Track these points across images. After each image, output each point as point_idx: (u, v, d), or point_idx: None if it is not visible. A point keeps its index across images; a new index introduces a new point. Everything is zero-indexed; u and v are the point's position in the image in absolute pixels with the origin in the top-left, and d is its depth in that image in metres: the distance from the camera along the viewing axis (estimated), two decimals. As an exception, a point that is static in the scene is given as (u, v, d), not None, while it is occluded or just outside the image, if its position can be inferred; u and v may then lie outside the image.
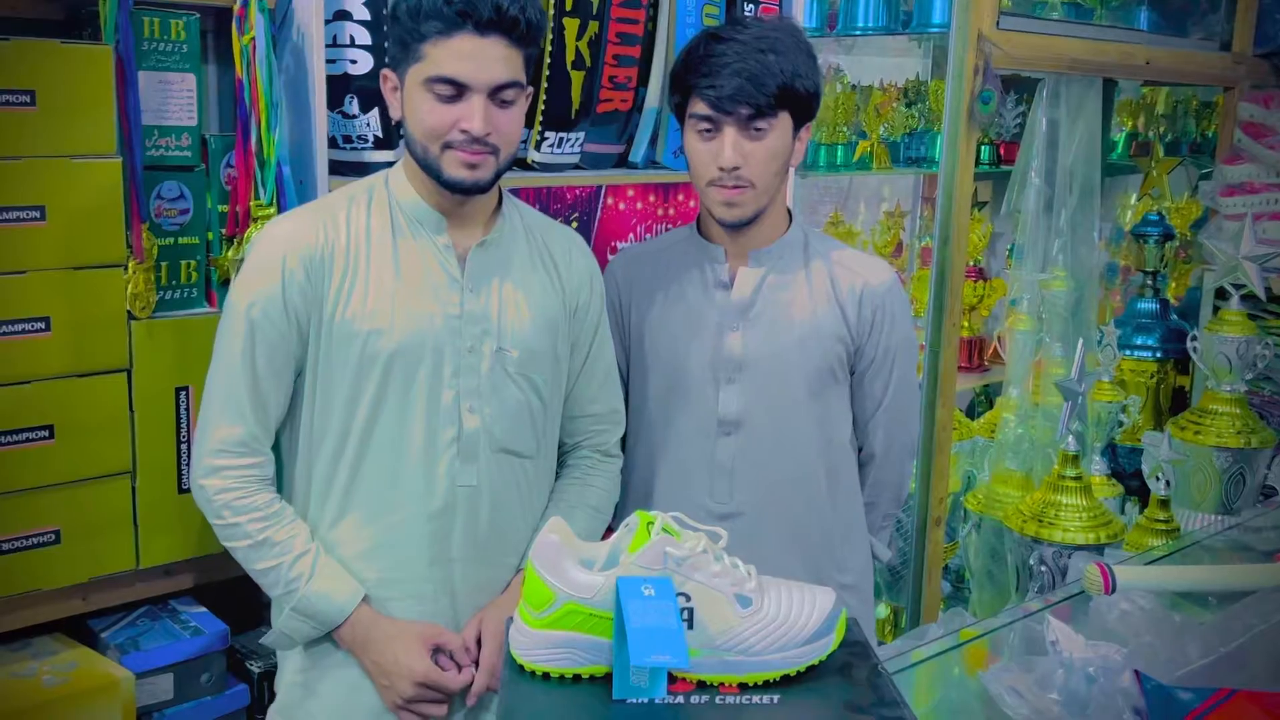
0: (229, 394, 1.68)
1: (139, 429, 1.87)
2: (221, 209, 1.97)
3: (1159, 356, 3.88)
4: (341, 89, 1.95)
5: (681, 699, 1.19)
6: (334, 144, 1.97)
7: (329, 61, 1.92)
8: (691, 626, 1.20)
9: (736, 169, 1.85)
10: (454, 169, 1.65)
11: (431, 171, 1.67)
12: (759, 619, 1.21)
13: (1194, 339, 3.14)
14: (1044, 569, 2.66)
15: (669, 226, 2.52)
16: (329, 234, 1.69)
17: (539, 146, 2.20)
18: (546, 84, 2.15)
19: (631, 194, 2.39)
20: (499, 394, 1.75)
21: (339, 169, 1.95)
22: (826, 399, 2.00)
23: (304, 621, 1.70)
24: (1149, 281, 4.00)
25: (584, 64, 2.19)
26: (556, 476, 1.90)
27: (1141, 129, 4.51)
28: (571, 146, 2.25)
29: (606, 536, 1.70)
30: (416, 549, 1.73)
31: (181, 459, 1.92)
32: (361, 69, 1.94)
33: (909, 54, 3.89)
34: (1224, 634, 1.63)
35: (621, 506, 2.10)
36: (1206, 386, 3.16)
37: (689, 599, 1.21)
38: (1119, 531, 2.66)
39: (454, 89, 1.61)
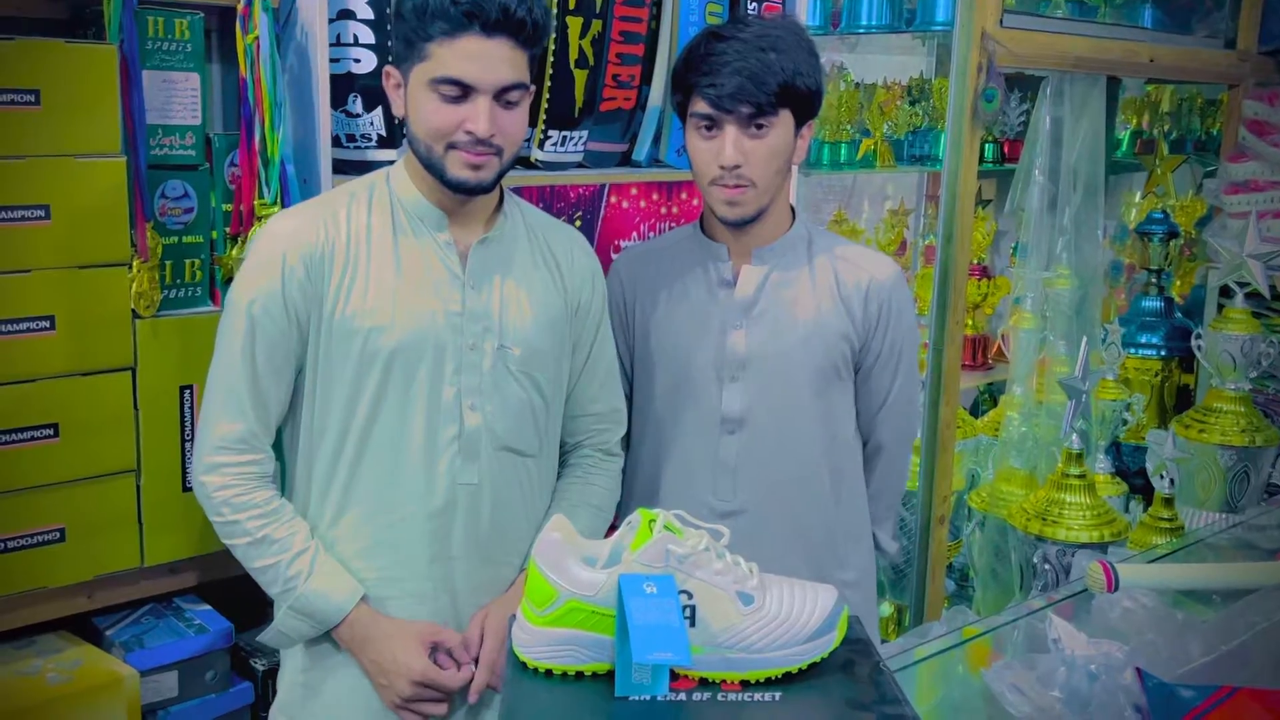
0: (229, 391, 1.68)
1: (143, 427, 1.88)
2: (226, 208, 1.98)
3: (1163, 354, 3.87)
4: (345, 88, 1.95)
5: (683, 696, 1.19)
6: (338, 143, 1.97)
7: (333, 60, 1.93)
8: (693, 624, 1.20)
9: (737, 167, 1.85)
10: (458, 169, 1.65)
11: (435, 171, 1.67)
12: (761, 616, 1.22)
13: (1198, 337, 3.15)
14: (1048, 567, 2.66)
15: (672, 225, 2.52)
16: (329, 231, 1.69)
17: (542, 145, 2.20)
18: (550, 82, 2.15)
19: (635, 192, 2.39)
20: (501, 392, 1.74)
21: (343, 168, 1.95)
22: (830, 396, 2.00)
23: (302, 620, 1.70)
24: (1153, 279, 3.99)
25: (587, 63, 2.19)
26: (558, 476, 1.90)
27: (1146, 127, 4.51)
28: (575, 145, 2.25)
29: (609, 534, 1.70)
30: (417, 547, 1.72)
31: (186, 457, 1.92)
32: (365, 68, 1.95)
33: (913, 52, 3.89)
34: (1226, 632, 1.63)
35: (626, 504, 2.10)
36: (1211, 384, 3.16)
37: (691, 596, 1.21)
38: (1123, 530, 2.66)
39: (459, 90, 1.61)
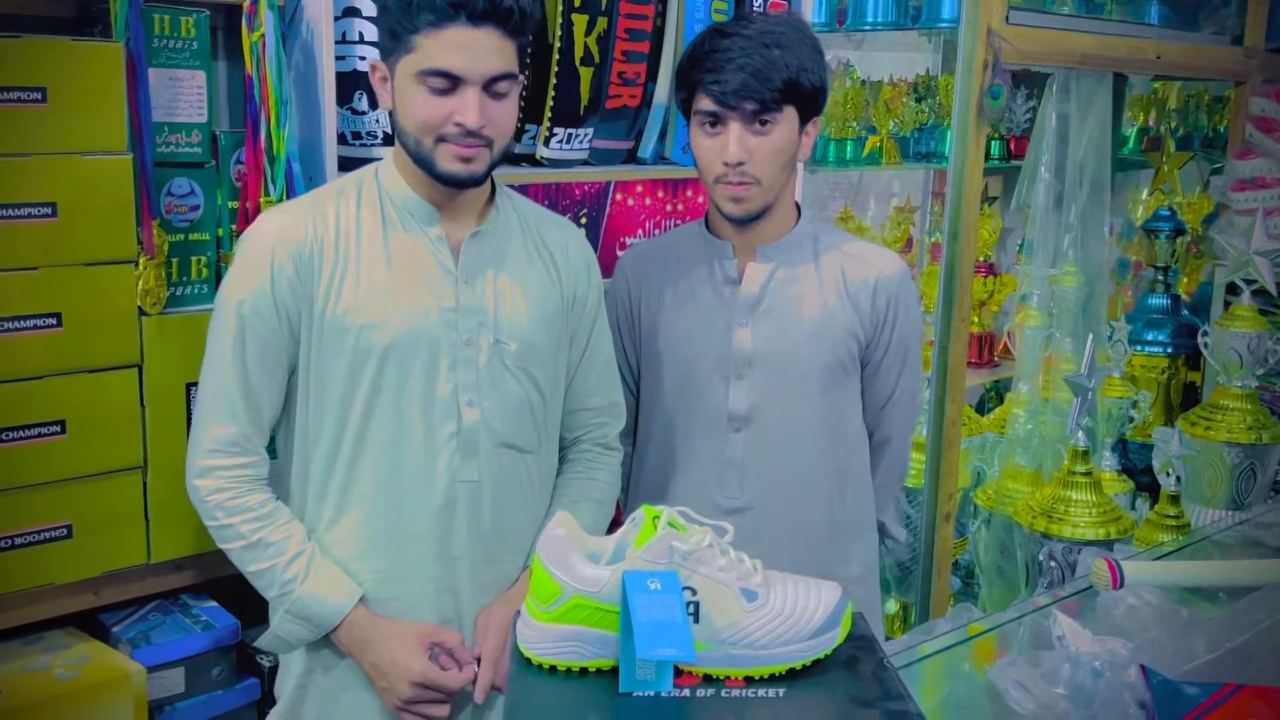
0: (220, 393, 1.66)
1: (150, 424, 1.88)
2: (232, 205, 1.98)
3: (1170, 352, 3.87)
4: (351, 85, 1.95)
5: (687, 692, 1.19)
6: (343, 140, 1.98)
7: (338, 58, 1.93)
8: (697, 620, 1.20)
9: (741, 164, 1.85)
10: (448, 162, 1.63)
11: (424, 165, 1.65)
12: (765, 613, 1.22)
13: (1205, 334, 3.15)
14: (1053, 564, 2.66)
15: (678, 222, 2.52)
16: (318, 228, 1.67)
17: (548, 142, 2.20)
18: (555, 80, 2.16)
19: (640, 190, 2.39)
20: (498, 387, 1.72)
21: (348, 165, 1.95)
22: (836, 393, 2.00)
23: (299, 624, 1.68)
24: (1160, 277, 3.99)
25: (593, 60, 2.19)
26: (558, 472, 1.88)
27: (1153, 123, 4.49)
28: (580, 142, 2.25)
29: (612, 530, 1.70)
30: (419, 547, 1.70)
31: (192, 454, 1.93)
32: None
33: (919, 49, 3.89)
34: (1231, 629, 1.62)
35: (632, 501, 2.10)
36: (1217, 382, 3.16)
37: (695, 593, 1.21)
38: (1129, 527, 2.66)
39: (447, 81, 1.59)
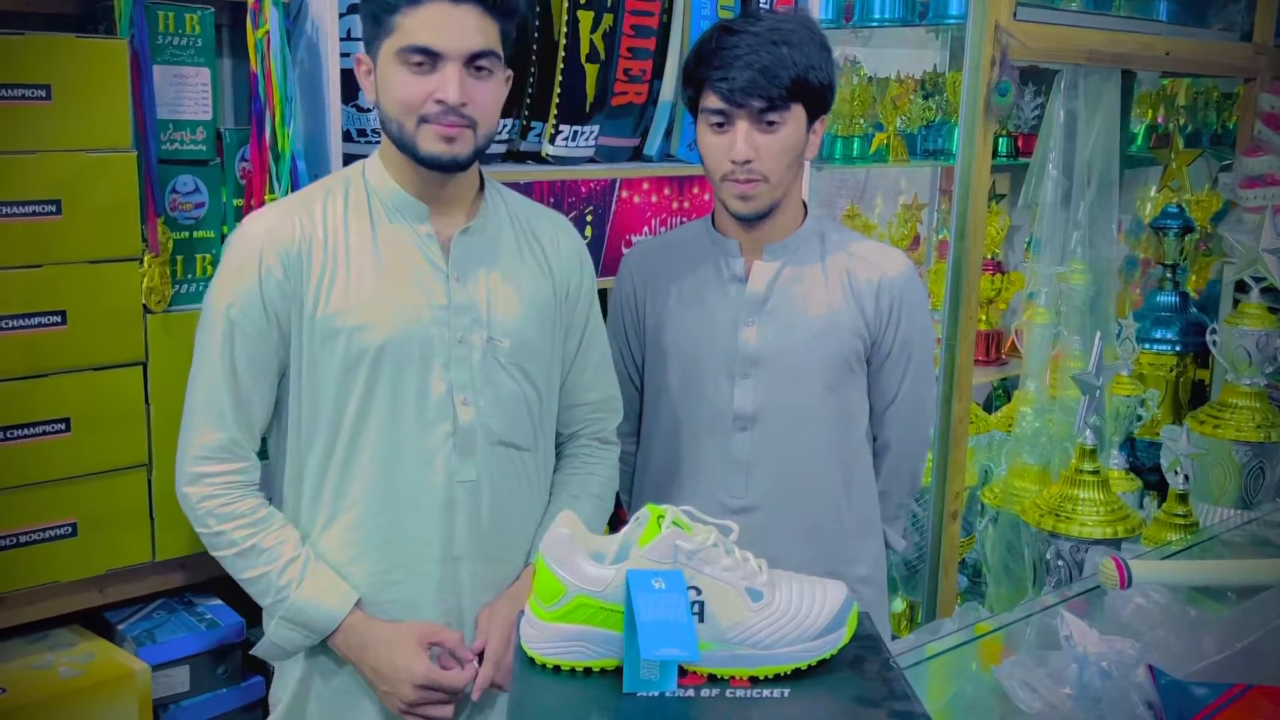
0: (209, 398, 1.64)
1: (155, 422, 1.88)
2: (236, 203, 1.97)
3: (1178, 350, 3.86)
4: (356, 82, 1.94)
5: (692, 692, 1.19)
6: (348, 137, 1.97)
7: (344, 55, 1.93)
8: (702, 620, 1.20)
9: (749, 162, 1.84)
10: (430, 144, 1.61)
11: (408, 149, 1.63)
12: (770, 612, 1.21)
13: (1213, 332, 3.13)
14: (1061, 563, 2.65)
15: (684, 220, 2.51)
16: (305, 228, 1.65)
17: (553, 140, 2.20)
18: (561, 77, 2.15)
19: (646, 187, 2.38)
20: (493, 385, 1.71)
21: (353, 162, 1.95)
22: (842, 393, 1.99)
23: (295, 630, 1.65)
24: (1168, 274, 3.98)
25: (598, 57, 2.19)
26: (555, 468, 1.86)
27: (1161, 120, 4.48)
28: (586, 140, 2.25)
29: (616, 528, 1.70)
30: (420, 548, 1.69)
31: (197, 452, 1.92)
32: (375, 62, 1.95)
33: (926, 45, 3.88)
34: (1239, 629, 1.62)
35: (637, 500, 2.09)
36: (1226, 380, 3.15)
37: (700, 592, 1.20)
38: (1136, 526, 2.64)
39: (427, 57, 1.57)
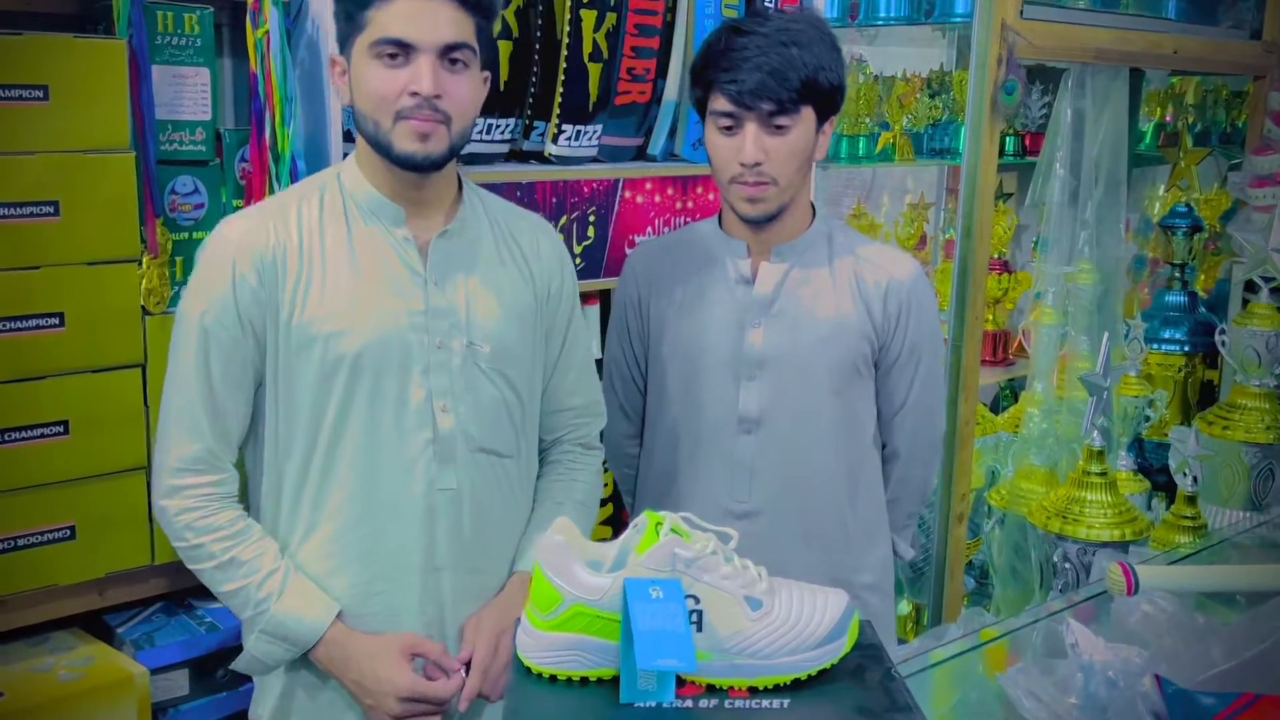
0: (185, 408, 1.61)
1: (154, 424, 1.86)
2: (236, 203, 1.97)
3: (1187, 350, 3.84)
4: (355, 83, 1.94)
5: (690, 703, 1.17)
6: (348, 138, 1.96)
7: (343, 55, 1.91)
8: (700, 629, 1.18)
9: (758, 165, 1.82)
10: (405, 142, 1.58)
11: (382, 148, 1.60)
12: (769, 622, 1.19)
13: (1222, 332, 3.12)
14: (1068, 566, 2.64)
15: (688, 220, 2.50)
16: (279, 234, 1.62)
17: (556, 139, 2.19)
18: (564, 76, 2.14)
19: (650, 187, 2.37)
20: (474, 391, 1.68)
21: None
22: (850, 397, 1.97)
23: (276, 644, 1.63)
24: (1177, 274, 3.95)
25: (601, 56, 2.18)
26: (538, 475, 1.83)
27: (1170, 119, 4.46)
28: (589, 139, 2.23)
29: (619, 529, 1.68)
30: (401, 558, 1.66)
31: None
32: (375, 62, 1.93)
33: (932, 44, 3.87)
34: (1248, 637, 1.60)
35: (639, 504, 2.08)
36: (1235, 381, 3.13)
37: (698, 601, 1.19)
38: (1144, 528, 2.63)
39: (400, 49, 1.54)
